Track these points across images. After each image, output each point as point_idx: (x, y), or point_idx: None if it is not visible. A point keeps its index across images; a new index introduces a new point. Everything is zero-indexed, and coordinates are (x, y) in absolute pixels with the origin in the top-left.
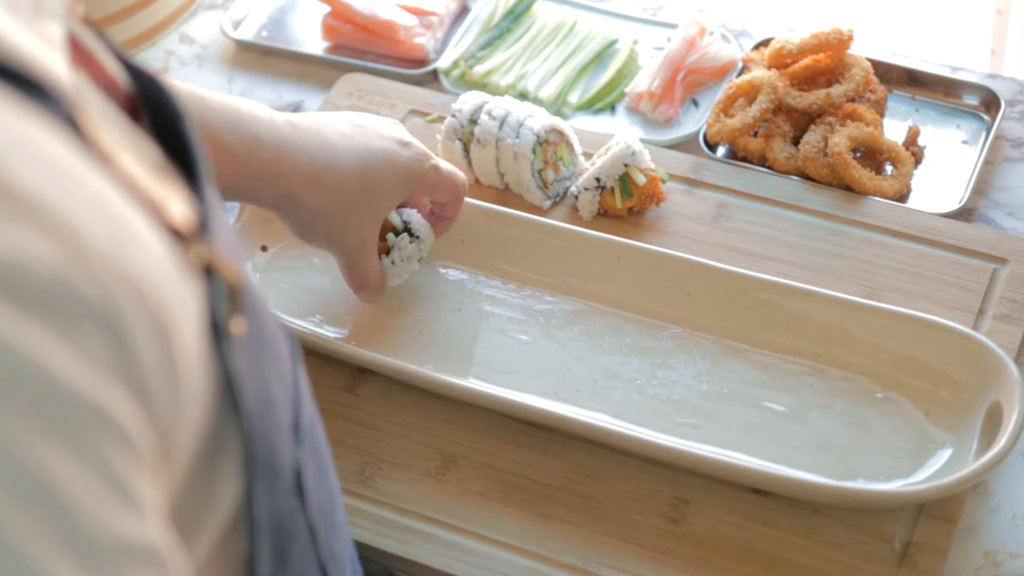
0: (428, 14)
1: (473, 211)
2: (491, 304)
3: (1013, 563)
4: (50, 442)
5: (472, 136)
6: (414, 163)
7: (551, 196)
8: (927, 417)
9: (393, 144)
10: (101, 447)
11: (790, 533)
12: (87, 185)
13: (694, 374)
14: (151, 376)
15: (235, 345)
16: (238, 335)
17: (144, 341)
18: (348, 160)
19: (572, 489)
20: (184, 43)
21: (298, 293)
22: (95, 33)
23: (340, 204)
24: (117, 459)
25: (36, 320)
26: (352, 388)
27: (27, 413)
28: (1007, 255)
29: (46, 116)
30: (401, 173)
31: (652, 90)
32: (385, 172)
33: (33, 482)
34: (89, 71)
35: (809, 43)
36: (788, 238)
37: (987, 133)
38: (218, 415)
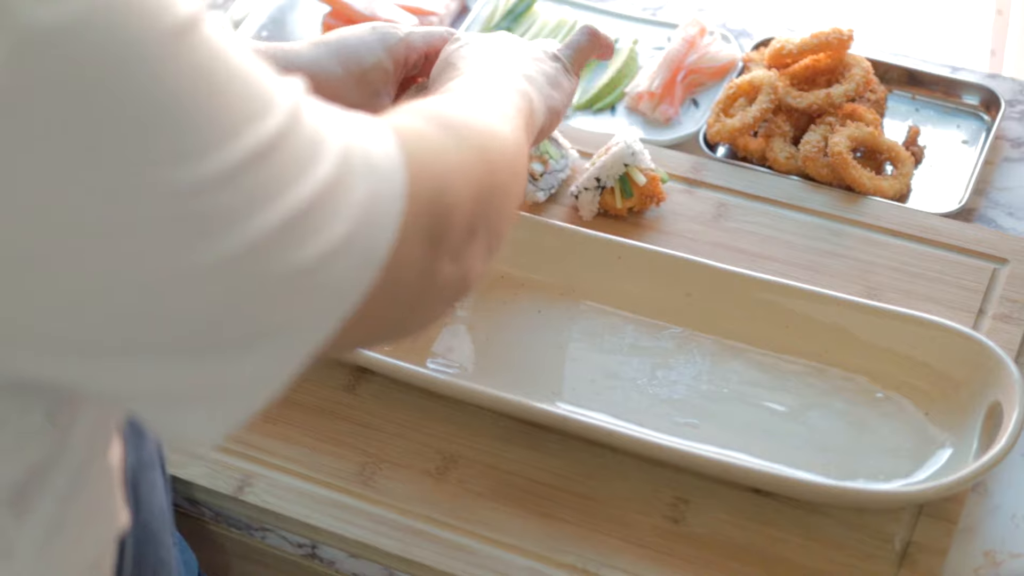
0: (428, 14)
1: None
2: (490, 304)
3: (1013, 563)
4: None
5: None
6: (386, 35)
7: (542, 189)
8: (927, 417)
9: (360, 30)
10: None
11: (790, 533)
12: None
13: (694, 374)
14: None
15: None
16: None
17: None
18: (325, 53)
19: (572, 489)
20: None
21: None
22: None
23: (338, 91)
24: None
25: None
26: (352, 388)
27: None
28: (1007, 255)
29: None
30: (379, 45)
31: (652, 90)
32: (362, 51)
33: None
34: None
35: (809, 43)
36: (788, 238)
37: (987, 133)
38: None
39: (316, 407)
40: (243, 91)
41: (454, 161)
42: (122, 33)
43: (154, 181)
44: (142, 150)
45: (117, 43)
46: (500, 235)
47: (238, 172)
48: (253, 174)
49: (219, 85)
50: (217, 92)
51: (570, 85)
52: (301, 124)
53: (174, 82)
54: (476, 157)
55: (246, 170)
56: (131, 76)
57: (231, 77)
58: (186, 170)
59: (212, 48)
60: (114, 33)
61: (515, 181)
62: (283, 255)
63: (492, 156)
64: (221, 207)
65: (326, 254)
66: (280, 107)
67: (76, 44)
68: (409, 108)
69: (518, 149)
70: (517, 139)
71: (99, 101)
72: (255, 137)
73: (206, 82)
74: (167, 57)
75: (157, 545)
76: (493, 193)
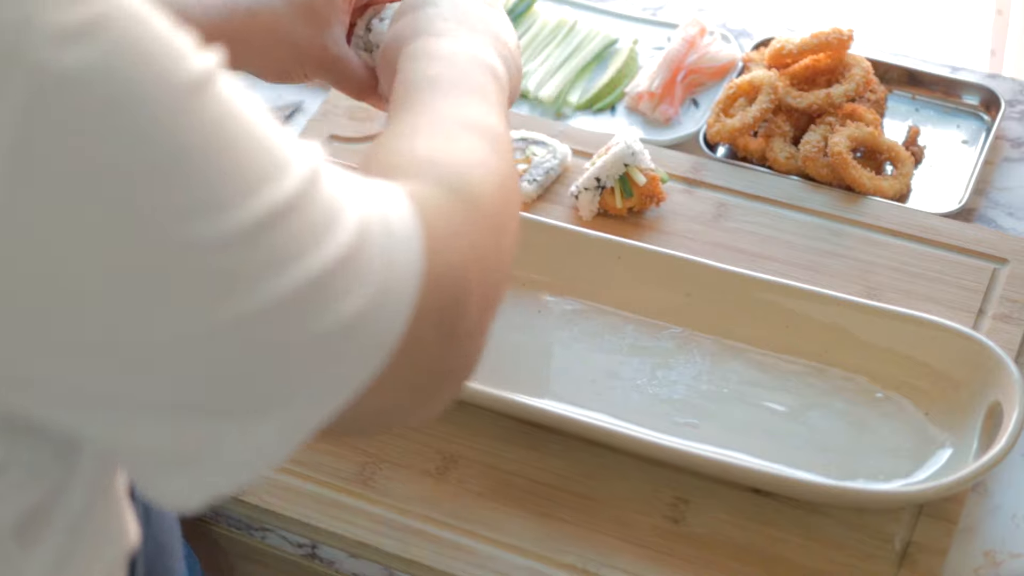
0: None
1: None
2: None
3: (1013, 563)
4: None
5: None
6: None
7: (529, 180)
8: (927, 417)
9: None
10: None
11: (790, 533)
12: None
13: (694, 374)
14: None
15: None
16: None
17: None
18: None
19: (572, 489)
20: None
21: None
22: None
23: (280, 23)
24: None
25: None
26: None
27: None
28: (1007, 255)
29: None
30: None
31: (652, 90)
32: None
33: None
34: None
35: (809, 43)
36: (788, 238)
37: (987, 133)
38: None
39: None
40: (258, 151)
41: (466, 240)
42: (137, 85)
43: (163, 235)
44: (153, 202)
45: (132, 95)
46: (500, 297)
47: (252, 233)
48: (267, 237)
49: (233, 142)
50: (231, 149)
51: (512, 33)
52: (319, 190)
53: (187, 136)
54: (487, 225)
55: (260, 232)
56: (144, 127)
57: (246, 136)
58: (197, 226)
59: (226, 106)
60: (129, 85)
61: (514, 224)
62: (288, 324)
63: (502, 220)
64: (231, 267)
65: (337, 327)
66: (297, 171)
67: (93, 91)
68: (414, 159)
69: (513, 181)
70: (510, 168)
71: (111, 151)
72: (270, 198)
73: (220, 139)
74: (181, 111)
75: (167, 556)
76: (501, 259)
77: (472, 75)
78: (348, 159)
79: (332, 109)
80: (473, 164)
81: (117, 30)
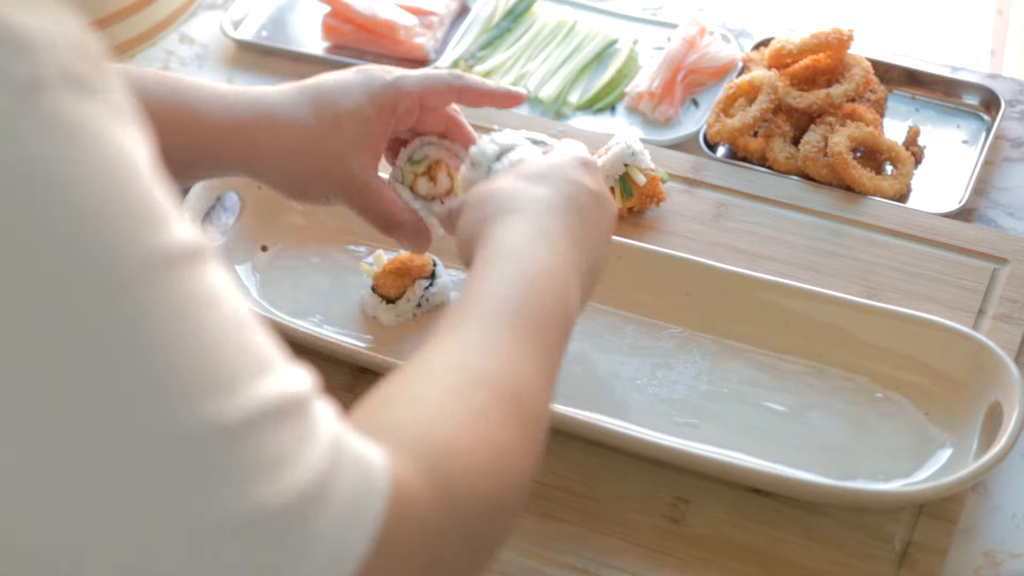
0: (428, 14)
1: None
2: None
3: (1013, 563)
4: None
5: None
6: (370, 79)
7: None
8: (927, 417)
9: (345, 73)
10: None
11: (790, 533)
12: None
13: (694, 374)
14: None
15: None
16: None
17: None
18: (297, 97)
19: (572, 489)
20: (184, 43)
21: (298, 293)
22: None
23: (305, 140)
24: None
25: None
26: (352, 388)
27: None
28: (1007, 255)
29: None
30: (359, 90)
31: (652, 90)
32: (339, 95)
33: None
34: None
35: (809, 43)
36: (788, 238)
37: (987, 133)
38: None
39: None
40: (233, 347)
41: (434, 550)
42: (99, 229)
43: (116, 422)
44: (91, 381)
45: (87, 232)
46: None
47: (211, 435)
48: (229, 444)
49: (200, 331)
50: (196, 337)
51: (610, 215)
52: (299, 419)
53: (138, 311)
54: (466, 533)
55: (224, 436)
56: (103, 295)
57: (219, 329)
58: (157, 417)
59: (202, 291)
60: (90, 221)
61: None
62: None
63: (489, 523)
64: (194, 465)
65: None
66: (276, 384)
67: (35, 188)
68: (424, 435)
69: (526, 468)
70: (529, 448)
71: (64, 316)
72: (241, 400)
73: (186, 323)
74: (140, 280)
75: None
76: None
77: (547, 318)
78: None
79: None
80: (484, 459)
81: (96, 152)
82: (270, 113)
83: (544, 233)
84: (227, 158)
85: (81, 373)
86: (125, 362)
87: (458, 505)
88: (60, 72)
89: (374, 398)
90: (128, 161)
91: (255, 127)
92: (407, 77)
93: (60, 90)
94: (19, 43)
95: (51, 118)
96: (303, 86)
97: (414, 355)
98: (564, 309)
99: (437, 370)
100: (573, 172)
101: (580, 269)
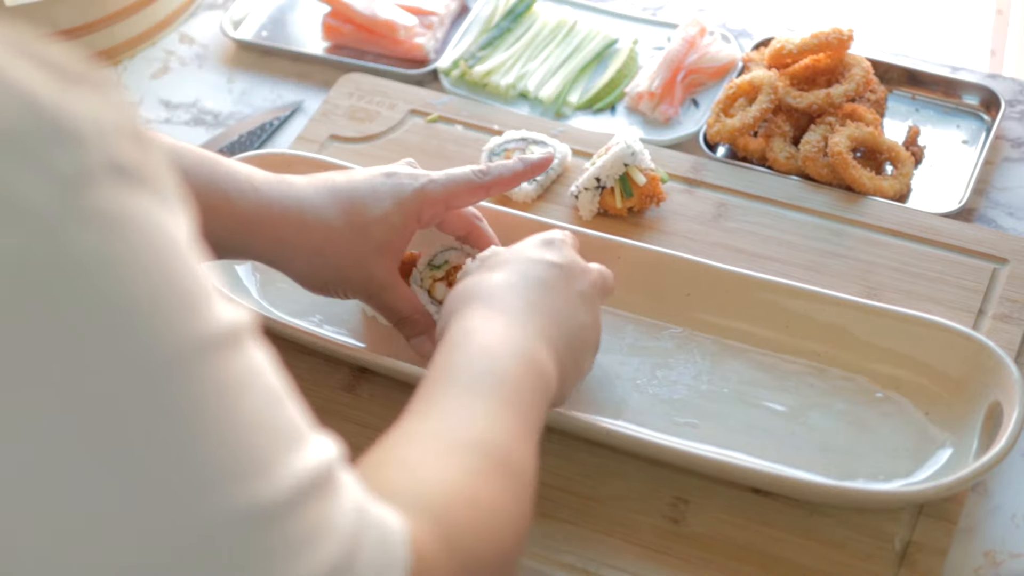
0: (428, 14)
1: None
2: None
3: (1013, 563)
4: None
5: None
6: (399, 185)
7: (529, 180)
8: (927, 417)
9: (375, 176)
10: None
11: (790, 533)
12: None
13: (694, 374)
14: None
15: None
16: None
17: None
18: (328, 199)
19: (572, 489)
20: (184, 43)
21: (298, 293)
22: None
23: (332, 242)
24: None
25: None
26: (352, 388)
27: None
28: (1007, 255)
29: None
30: (388, 198)
31: (652, 90)
32: (369, 200)
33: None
34: None
35: (809, 43)
36: (788, 238)
37: (987, 133)
38: None
39: (315, 407)
40: (268, 431)
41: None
42: (142, 309)
43: (157, 510)
44: (131, 465)
45: (132, 317)
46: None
47: (246, 520)
48: (264, 528)
49: (240, 419)
50: (235, 425)
51: (584, 282)
52: (326, 494)
53: (184, 397)
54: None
55: (256, 521)
56: (135, 359)
57: (257, 412)
58: (198, 505)
59: (244, 375)
60: (132, 302)
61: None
62: None
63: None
64: (235, 550)
65: None
66: (308, 462)
67: (89, 281)
68: (427, 494)
69: (523, 521)
70: (520, 506)
71: (88, 367)
72: (271, 486)
73: (226, 410)
74: (185, 365)
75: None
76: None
77: (517, 383)
78: (349, 159)
79: (332, 109)
80: (482, 513)
81: (141, 243)
82: (300, 210)
83: (502, 311)
84: (254, 248)
85: (122, 463)
86: (166, 451)
87: (469, 565)
88: (107, 162)
89: (366, 464)
90: (172, 248)
91: (284, 223)
92: (433, 183)
93: (106, 182)
94: (66, 134)
95: (97, 213)
96: (335, 186)
97: (394, 427)
98: (531, 372)
99: (423, 438)
100: (533, 252)
101: (547, 335)
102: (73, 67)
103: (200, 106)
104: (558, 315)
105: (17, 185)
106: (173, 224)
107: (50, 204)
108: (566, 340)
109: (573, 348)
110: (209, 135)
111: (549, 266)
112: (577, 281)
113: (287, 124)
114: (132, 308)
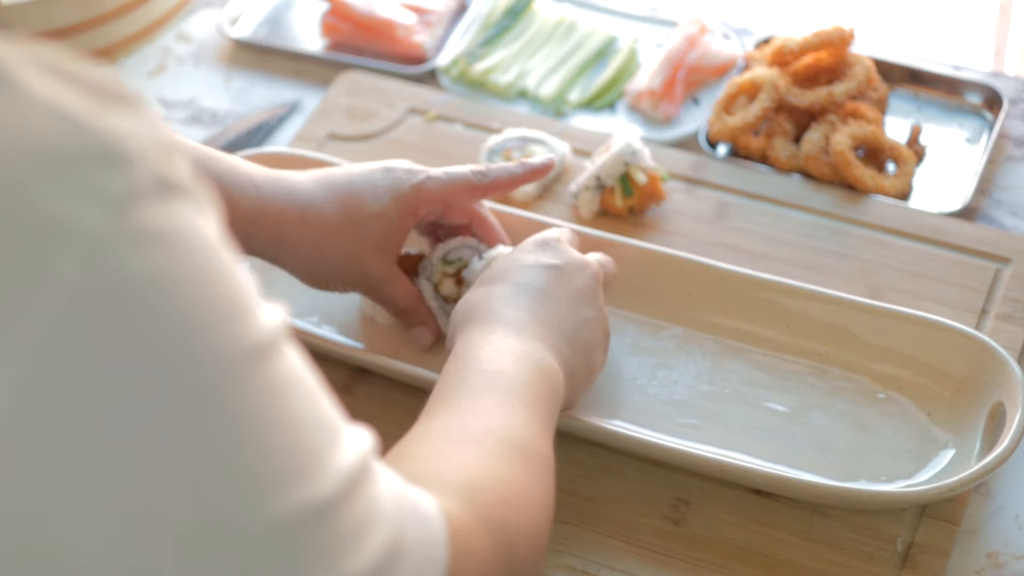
0: (427, 12)
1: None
2: None
3: (1016, 564)
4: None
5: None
6: (397, 180)
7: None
8: (929, 417)
9: (373, 171)
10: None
11: (791, 534)
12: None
13: (695, 374)
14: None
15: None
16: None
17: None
18: (326, 194)
19: (572, 490)
20: (181, 41)
21: (297, 293)
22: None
23: (330, 238)
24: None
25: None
26: (350, 388)
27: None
28: (1010, 254)
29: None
30: (386, 193)
31: (653, 88)
32: (366, 195)
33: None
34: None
35: (811, 41)
36: (789, 237)
37: (990, 132)
38: None
39: None
40: (312, 429)
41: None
42: (192, 328)
43: (216, 518)
44: (188, 478)
45: (183, 333)
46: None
47: (295, 524)
48: (310, 530)
49: (287, 421)
50: (282, 429)
51: (584, 277)
52: (364, 488)
53: (237, 406)
54: (507, 564)
55: (303, 524)
56: (189, 381)
57: (302, 413)
58: (255, 510)
59: (285, 378)
60: (183, 320)
61: (540, 550)
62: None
63: (524, 554)
64: (293, 551)
65: None
66: (346, 459)
67: (144, 300)
68: (453, 476)
69: (546, 508)
70: (544, 494)
71: (143, 386)
72: (316, 488)
73: (274, 414)
74: (236, 376)
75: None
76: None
77: (525, 381)
78: (347, 158)
79: (331, 108)
80: (508, 491)
81: (188, 256)
82: (298, 207)
83: (503, 324)
84: (254, 244)
85: (186, 478)
86: (228, 461)
87: (502, 539)
88: (152, 179)
89: (388, 460)
90: (216, 256)
91: (283, 220)
92: (431, 179)
93: (152, 199)
94: (113, 155)
95: (146, 231)
96: (333, 181)
97: (412, 429)
98: (537, 373)
99: (441, 433)
100: (527, 257)
101: (549, 340)
102: (111, 87)
103: (197, 104)
104: (558, 318)
105: (69, 209)
106: (213, 231)
107: (102, 226)
108: (569, 341)
109: (578, 347)
110: (206, 134)
111: (545, 269)
112: (576, 278)
113: (285, 123)
114: (186, 323)
